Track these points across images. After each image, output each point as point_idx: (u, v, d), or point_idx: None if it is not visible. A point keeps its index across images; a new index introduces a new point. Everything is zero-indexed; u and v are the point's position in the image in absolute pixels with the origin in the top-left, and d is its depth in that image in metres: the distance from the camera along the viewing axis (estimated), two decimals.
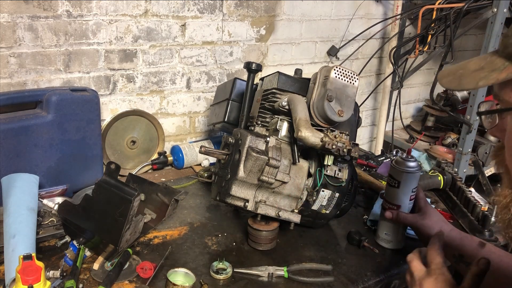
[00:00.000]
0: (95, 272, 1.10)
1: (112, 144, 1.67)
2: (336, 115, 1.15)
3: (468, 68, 0.69)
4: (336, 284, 1.14)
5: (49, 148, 1.39)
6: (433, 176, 1.60)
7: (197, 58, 1.82)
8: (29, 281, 0.89)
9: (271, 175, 1.14)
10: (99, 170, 1.52)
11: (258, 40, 1.96)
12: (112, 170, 1.12)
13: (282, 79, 1.28)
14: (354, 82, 1.18)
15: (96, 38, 1.56)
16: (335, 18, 2.18)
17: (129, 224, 1.09)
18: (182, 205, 1.45)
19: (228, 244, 1.28)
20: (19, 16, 1.40)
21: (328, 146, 1.09)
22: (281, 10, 1.98)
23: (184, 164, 1.73)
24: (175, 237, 1.29)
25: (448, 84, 0.71)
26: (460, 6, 1.95)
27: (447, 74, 0.72)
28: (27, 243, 1.05)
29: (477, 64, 0.68)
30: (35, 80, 1.50)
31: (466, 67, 0.70)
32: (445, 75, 0.73)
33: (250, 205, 1.17)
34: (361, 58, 2.35)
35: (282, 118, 1.25)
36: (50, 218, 1.29)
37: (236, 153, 1.17)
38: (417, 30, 2.12)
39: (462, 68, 0.70)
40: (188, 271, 1.09)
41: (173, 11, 1.70)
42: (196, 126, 1.93)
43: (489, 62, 0.66)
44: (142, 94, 1.74)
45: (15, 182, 1.20)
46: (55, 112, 1.38)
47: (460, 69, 0.71)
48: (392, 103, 2.42)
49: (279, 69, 1.49)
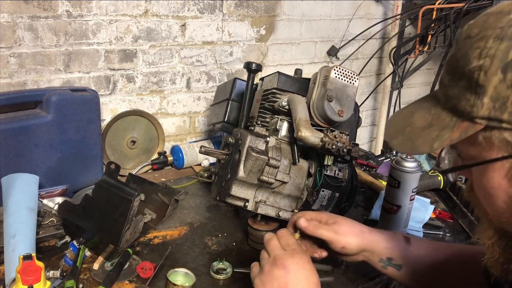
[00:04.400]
0: (95, 272, 1.10)
1: (112, 144, 1.67)
2: (336, 115, 1.15)
3: (415, 125, 0.65)
4: (336, 284, 1.14)
5: (49, 148, 1.39)
6: (433, 176, 1.61)
7: (197, 58, 1.82)
8: (29, 281, 0.89)
9: (271, 175, 1.14)
10: (99, 170, 1.52)
11: (258, 40, 1.96)
12: (112, 170, 1.12)
13: (282, 79, 1.27)
14: (354, 82, 1.18)
15: (96, 38, 1.56)
16: (335, 18, 2.18)
17: (129, 224, 1.09)
18: (182, 205, 1.45)
19: (228, 244, 1.27)
20: (19, 16, 1.40)
21: (328, 146, 1.09)
22: (281, 10, 1.98)
23: (184, 164, 1.73)
24: (175, 237, 1.29)
25: (401, 147, 0.67)
26: (460, 6, 1.95)
27: (395, 133, 0.68)
28: (27, 243, 1.05)
29: (423, 120, 0.65)
30: (35, 80, 1.50)
31: (413, 124, 0.66)
32: (393, 135, 0.68)
33: (250, 205, 1.17)
34: (361, 58, 2.35)
35: (282, 118, 1.25)
36: (50, 218, 1.29)
37: (236, 153, 1.17)
38: (417, 30, 2.12)
39: (409, 125, 0.66)
40: (188, 271, 1.09)
41: (173, 11, 1.70)
42: (196, 126, 1.93)
43: (436, 117, 0.63)
44: (142, 94, 1.74)
45: (15, 182, 1.20)
46: (55, 112, 1.38)
47: (407, 126, 0.66)
48: (392, 103, 2.42)
49: (279, 69, 1.49)
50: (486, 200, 0.65)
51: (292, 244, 0.85)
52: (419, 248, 1.01)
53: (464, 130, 0.59)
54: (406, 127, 0.66)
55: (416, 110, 0.68)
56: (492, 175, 0.61)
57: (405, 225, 1.30)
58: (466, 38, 0.60)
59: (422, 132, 0.64)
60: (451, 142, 0.60)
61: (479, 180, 0.64)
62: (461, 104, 0.59)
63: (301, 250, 0.84)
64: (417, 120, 0.65)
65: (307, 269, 0.80)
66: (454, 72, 0.61)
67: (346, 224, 1.01)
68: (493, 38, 0.55)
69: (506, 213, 0.62)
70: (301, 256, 0.82)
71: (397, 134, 0.67)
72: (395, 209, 1.26)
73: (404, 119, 0.68)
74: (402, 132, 0.67)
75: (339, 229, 0.99)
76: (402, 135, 0.66)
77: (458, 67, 0.59)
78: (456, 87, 0.60)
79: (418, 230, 1.37)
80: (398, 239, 1.02)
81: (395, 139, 0.67)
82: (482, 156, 0.60)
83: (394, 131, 0.69)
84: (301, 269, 0.80)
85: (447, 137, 0.60)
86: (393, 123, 0.71)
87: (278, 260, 0.81)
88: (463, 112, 0.59)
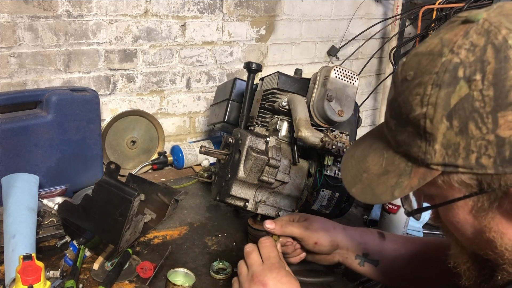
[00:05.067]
0: (95, 272, 1.10)
1: (112, 144, 1.67)
2: (336, 115, 1.15)
3: (371, 171, 0.64)
4: (336, 284, 1.14)
5: (49, 148, 1.39)
6: None
7: (197, 58, 1.82)
8: (29, 281, 0.89)
9: (271, 175, 1.14)
10: (99, 170, 1.52)
11: (258, 40, 1.96)
12: (112, 170, 1.12)
13: (282, 79, 1.27)
14: (354, 82, 1.18)
15: (96, 38, 1.56)
16: (335, 18, 2.18)
17: (129, 224, 1.09)
18: (182, 205, 1.45)
19: (228, 244, 1.27)
20: (19, 16, 1.40)
21: (328, 146, 1.09)
22: (281, 10, 1.98)
23: (184, 164, 1.73)
24: (175, 237, 1.29)
25: (362, 197, 0.64)
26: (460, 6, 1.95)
27: (353, 180, 0.66)
28: (27, 243, 1.05)
29: (378, 165, 0.63)
30: (35, 80, 1.50)
31: (369, 170, 0.64)
32: (351, 182, 0.66)
33: (250, 205, 1.17)
34: (361, 58, 2.35)
35: (282, 118, 1.25)
36: (50, 218, 1.29)
37: (236, 153, 1.17)
38: (417, 30, 2.12)
39: (365, 170, 0.65)
40: (188, 271, 1.09)
41: (173, 11, 1.70)
42: (196, 126, 1.93)
43: (390, 163, 0.62)
44: (142, 94, 1.74)
45: (15, 182, 1.20)
46: (55, 112, 1.38)
47: (363, 172, 0.65)
48: None
49: (279, 69, 1.49)
50: (456, 231, 0.65)
51: (273, 258, 0.83)
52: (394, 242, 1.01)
53: (422, 177, 0.58)
54: (362, 173, 0.65)
55: (368, 153, 0.66)
56: (457, 212, 0.61)
57: (405, 225, 1.30)
58: (403, 81, 0.59)
59: (379, 179, 0.62)
60: (412, 189, 0.59)
61: (446, 217, 0.64)
62: (413, 151, 0.58)
63: (279, 264, 0.82)
64: (372, 166, 0.64)
65: (284, 282, 0.79)
66: (399, 117, 0.60)
67: (317, 220, 1.00)
68: (430, 85, 0.55)
69: (476, 240, 0.62)
70: (278, 270, 0.81)
71: (355, 182, 0.66)
72: (395, 209, 1.26)
73: (358, 163, 0.67)
74: (359, 179, 0.65)
75: (310, 225, 0.99)
76: (361, 183, 0.65)
77: (402, 114, 0.59)
78: (405, 133, 0.59)
79: (418, 230, 1.37)
80: (372, 234, 1.02)
81: (354, 187, 0.66)
82: (444, 195, 0.60)
83: (351, 177, 0.67)
84: (279, 283, 0.79)
85: (406, 184, 0.59)
86: (348, 168, 0.69)
87: (256, 278, 0.80)
88: (417, 159, 0.58)
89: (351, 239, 1.01)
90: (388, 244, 1.01)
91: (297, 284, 0.80)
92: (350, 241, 1.01)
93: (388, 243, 1.01)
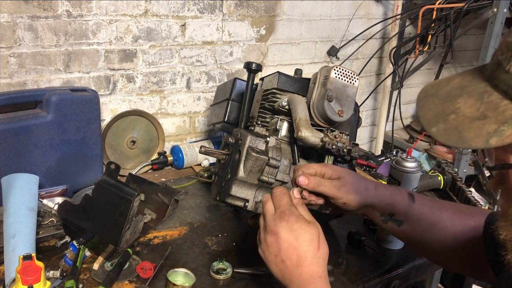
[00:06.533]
0: (95, 272, 1.10)
1: (112, 144, 1.67)
2: (336, 115, 1.15)
3: (462, 113, 0.57)
4: (336, 284, 1.14)
5: (49, 148, 1.39)
6: (433, 176, 1.61)
7: (197, 58, 1.82)
8: (29, 281, 0.89)
9: (271, 175, 1.14)
10: (99, 170, 1.52)
11: (258, 40, 1.96)
12: (112, 170, 1.12)
13: (282, 79, 1.27)
14: (354, 82, 1.18)
15: (96, 38, 1.56)
16: (335, 18, 2.18)
17: (129, 224, 1.09)
18: (182, 205, 1.45)
19: (228, 244, 1.27)
20: (19, 16, 1.40)
21: (328, 146, 1.09)
22: (281, 10, 1.98)
23: (184, 164, 1.73)
24: (175, 237, 1.29)
25: (443, 138, 0.58)
26: (460, 6, 1.95)
27: (434, 119, 0.60)
28: (27, 243, 1.05)
29: (473, 108, 0.57)
30: (35, 80, 1.50)
31: (459, 111, 0.58)
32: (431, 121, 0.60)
33: (250, 205, 1.17)
34: (361, 58, 2.35)
35: (282, 118, 1.25)
36: (50, 218, 1.29)
37: (236, 153, 1.17)
38: (417, 30, 2.12)
39: (453, 111, 0.58)
40: (188, 271, 1.09)
41: (173, 11, 1.69)
42: (196, 126, 1.93)
43: (492, 109, 0.55)
44: (142, 94, 1.74)
45: (15, 182, 1.20)
46: (55, 112, 1.38)
47: (450, 113, 0.58)
48: (392, 103, 2.42)
49: (279, 69, 1.49)
50: None
51: (283, 205, 0.84)
52: (423, 206, 0.98)
53: None
54: (449, 113, 0.58)
55: (461, 94, 0.59)
56: None
57: None
58: None
59: (472, 123, 0.56)
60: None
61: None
62: None
63: (289, 211, 0.83)
64: (465, 108, 0.57)
65: (295, 229, 0.81)
66: None
67: (350, 180, 0.96)
68: None
69: None
70: (288, 217, 0.82)
71: (437, 121, 0.59)
72: None
73: (444, 103, 0.60)
74: (444, 119, 0.58)
75: (343, 186, 0.95)
76: (445, 123, 0.58)
77: None
78: None
79: None
80: (402, 196, 0.99)
81: (435, 126, 0.59)
82: None
83: (433, 116, 0.60)
84: (290, 230, 0.80)
85: (509, 134, 0.53)
86: (429, 106, 0.62)
87: (269, 228, 0.83)
88: None
89: (380, 199, 0.98)
90: (416, 206, 0.98)
91: (309, 226, 0.81)
92: (379, 202, 0.98)
93: (416, 206, 0.98)
